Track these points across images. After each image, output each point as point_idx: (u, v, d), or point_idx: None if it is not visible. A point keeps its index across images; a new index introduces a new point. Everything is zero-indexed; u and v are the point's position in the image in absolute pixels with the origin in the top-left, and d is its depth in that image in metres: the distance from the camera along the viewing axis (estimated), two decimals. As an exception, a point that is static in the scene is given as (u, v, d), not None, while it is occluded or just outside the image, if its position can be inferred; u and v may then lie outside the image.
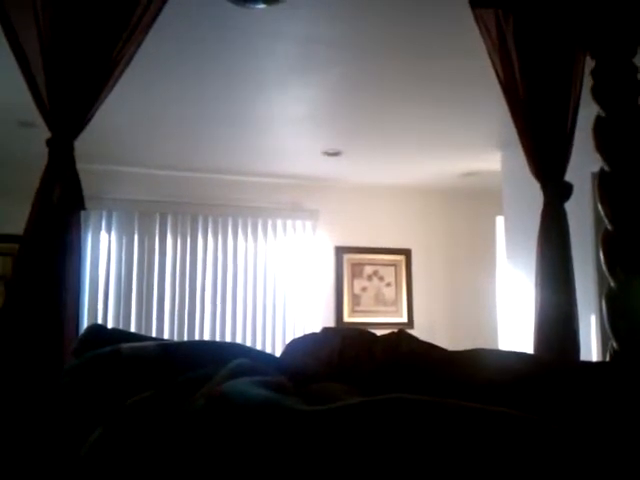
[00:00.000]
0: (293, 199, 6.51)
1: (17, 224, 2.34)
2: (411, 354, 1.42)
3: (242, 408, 0.95)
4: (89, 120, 2.22)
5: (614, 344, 2.23)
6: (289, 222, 6.49)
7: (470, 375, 1.39)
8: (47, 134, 2.19)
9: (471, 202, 6.79)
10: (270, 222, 6.43)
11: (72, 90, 2.15)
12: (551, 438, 0.82)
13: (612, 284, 2.25)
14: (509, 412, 0.85)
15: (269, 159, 5.80)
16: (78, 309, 2.35)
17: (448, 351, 1.52)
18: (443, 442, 0.80)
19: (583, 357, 2.84)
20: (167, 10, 2.32)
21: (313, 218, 6.54)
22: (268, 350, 6.17)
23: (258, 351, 1.82)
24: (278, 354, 1.63)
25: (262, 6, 2.90)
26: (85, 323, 5.52)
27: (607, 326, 2.28)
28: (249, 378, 1.07)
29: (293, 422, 0.88)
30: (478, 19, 2.68)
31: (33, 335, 2.07)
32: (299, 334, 6.24)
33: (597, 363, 2.45)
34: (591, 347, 4.03)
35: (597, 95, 2.35)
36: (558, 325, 2.60)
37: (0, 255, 5.45)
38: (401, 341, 1.46)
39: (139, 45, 2.29)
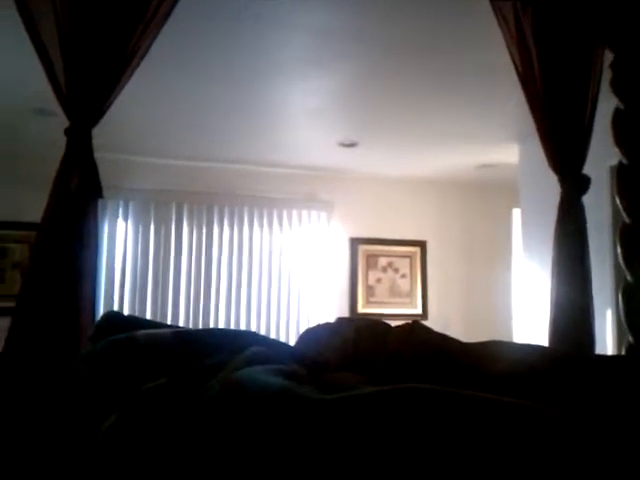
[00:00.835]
0: (308, 190, 6.51)
1: (35, 212, 2.36)
2: (425, 345, 1.42)
3: (257, 396, 0.95)
4: (107, 108, 2.23)
5: (630, 338, 2.22)
6: (304, 213, 6.50)
7: (484, 367, 1.39)
8: (64, 122, 2.20)
9: (487, 194, 6.76)
10: (285, 213, 6.44)
11: (90, 78, 2.16)
12: (565, 430, 0.82)
13: (629, 278, 2.24)
14: (523, 403, 0.85)
15: (284, 150, 5.80)
16: (95, 296, 2.37)
17: (462, 342, 1.52)
18: (456, 432, 0.80)
19: (598, 351, 2.83)
20: (183, 2, 2.32)
21: (328, 209, 6.54)
22: (282, 339, 6.19)
23: (273, 340, 1.83)
24: (292, 343, 1.63)
25: (279, -4, 2.90)
26: (101, 310, 5.56)
27: (623, 320, 2.27)
28: (264, 366, 1.08)
29: (307, 410, 0.89)
30: (496, 11, 2.66)
31: (50, 322, 2.09)
32: (313, 324, 6.23)
33: (612, 357, 2.44)
34: (606, 341, 4.01)
35: (616, 88, 2.33)
36: (573, 319, 2.59)
37: (18, 243, 5.51)
38: (415, 332, 1.46)
39: (156, 36, 2.30)
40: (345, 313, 6.45)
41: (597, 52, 2.68)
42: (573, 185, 2.67)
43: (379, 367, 1.32)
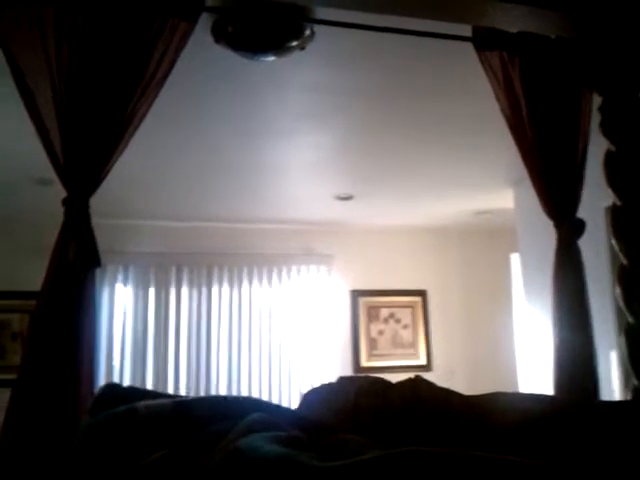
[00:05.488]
0: (307, 244, 6.53)
1: (35, 281, 2.36)
2: (428, 401, 1.41)
3: (257, 464, 0.94)
4: (104, 178, 2.24)
5: (635, 381, 2.20)
6: (303, 267, 6.50)
7: (489, 420, 1.37)
8: (62, 191, 2.21)
9: (485, 240, 6.78)
10: (285, 268, 6.45)
11: (87, 149, 2.18)
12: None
13: (630, 319, 2.23)
14: (527, 462, 0.84)
15: (281, 205, 5.84)
16: (94, 367, 2.34)
17: (465, 396, 1.50)
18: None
19: (605, 394, 2.80)
20: (179, 66, 2.36)
21: (327, 262, 6.54)
22: (286, 398, 6.13)
23: (273, 404, 1.80)
24: (296, 402, 1.61)
25: (272, 58, 2.94)
26: (102, 377, 5.52)
27: (627, 362, 2.25)
28: (264, 434, 1.06)
29: (307, 478, 0.87)
30: (484, 62, 2.70)
31: (49, 394, 2.06)
32: (317, 381, 6.18)
33: (617, 402, 2.41)
34: (613, 383, 3.96)
35: (606, 130, 2.36)
36: (577, 363, 2.56)
37: (17, 312, 5.50)
38: (417, 388, 1.45)
39: (152, 102, 2.31)
40: (348, 367, 6.40)
41: (585, 96, 2.71)
42: (568, 229, 2.67)
43: (382, 426, 1.30)
